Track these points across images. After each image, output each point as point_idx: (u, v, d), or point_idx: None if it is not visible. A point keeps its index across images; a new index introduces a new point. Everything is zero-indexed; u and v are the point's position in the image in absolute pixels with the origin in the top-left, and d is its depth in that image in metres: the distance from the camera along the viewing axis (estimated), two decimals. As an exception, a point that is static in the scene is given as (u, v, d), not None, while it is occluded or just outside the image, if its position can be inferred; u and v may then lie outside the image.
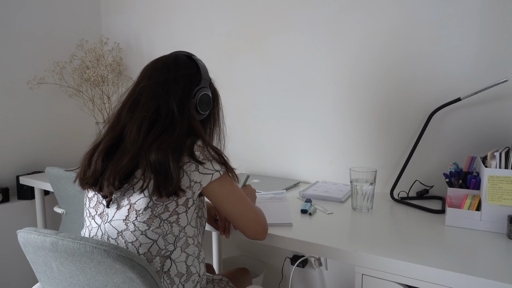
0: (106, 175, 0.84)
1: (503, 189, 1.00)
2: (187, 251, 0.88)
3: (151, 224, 0.83)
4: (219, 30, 1.90)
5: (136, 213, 0.83)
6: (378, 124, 1.52)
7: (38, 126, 2.13)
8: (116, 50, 2.25)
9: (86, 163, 0.90)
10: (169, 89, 0.91)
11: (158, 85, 0.91)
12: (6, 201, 1.93)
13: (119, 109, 0.93)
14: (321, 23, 1.60)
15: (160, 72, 0.93)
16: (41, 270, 0.82)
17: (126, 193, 0.85)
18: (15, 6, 2.00)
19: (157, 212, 0.83)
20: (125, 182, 0.84)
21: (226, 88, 1.89)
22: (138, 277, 0.71)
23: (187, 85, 0.93)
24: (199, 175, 0.86)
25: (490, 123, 1.30)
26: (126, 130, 0.89)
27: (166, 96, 0.90)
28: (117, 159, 0.85)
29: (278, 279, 1.92)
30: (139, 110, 0.89)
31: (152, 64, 0.97)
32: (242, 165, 1.88)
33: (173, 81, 0.92)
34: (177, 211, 0.85)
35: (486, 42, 1.29)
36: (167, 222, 0.84)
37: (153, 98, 0.90)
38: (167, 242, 0.85)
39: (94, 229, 0.89)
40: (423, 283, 0.84)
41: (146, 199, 0.83)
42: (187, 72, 0.95)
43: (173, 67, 0.94)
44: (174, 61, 0.95)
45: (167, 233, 0.84)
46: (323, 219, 1.18)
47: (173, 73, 0.93)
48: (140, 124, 0.87)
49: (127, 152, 0.85)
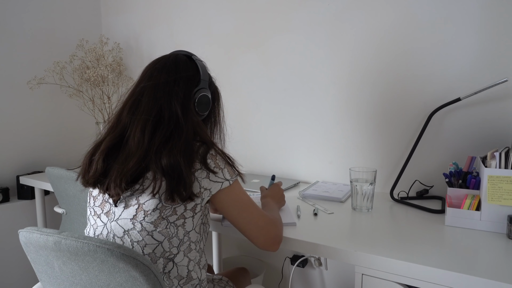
0: (112, 176, 0.84)
1: (503, 189, 1.01)
2: (189, 256, 0.89)
3: (158, 226, 0.83)
4: (219, 30, 1.91)
5: (144, 213, 0.84)
6: (378, 124, 1.52)
7: (38, 126, 2.13)
8: (116, 50, 2.25)
9: (87, 163, 0.90)
10: (170, 91, 0.91)
11: (159, 86, 0.91)
12: (6, 201, 1.93)
13: (119, 110, 0.93)
14: (321, 23, 1.60)
15: (160, 73, 0.93)
16: (43, 270, 0.82)
17: (135, 193, 0.85)
18: (15, 6, 2.00)
19: (165, 214, 0.84)
20: (132, 184, 0.84)
21: (226, 88, 1.89)
22: (141, 276, 0.72)
23: (188, 87, 0.94)
24: (209, 182, 0.87)
25: (490, 123, 1.31)
26: (128, 131, 0.89)
27: (168, 98, 0.90)
28: (122, 161, 0.85)
29: (278, 279, 1.92)
30: (140, 111, 0.89)
31: (153, 64, 0.97)
32: (242, 165, 1.88)
33: (174, 83, 0.92)
34: (185, 215, 0.86)
35: (486, 42, 1.29)
36: (174, 225, 0.85)
37: (154, 99, 0.90)
38: (171, 245, 0.85)
39: (100, 227, 0.90)
40: (423, 283, 0.84)
41: (155, 200, 0.83)
42: (187, 74, 0.95)
43: (173, 69, 0.94)
44: (174, 62, 0.95)
45: (172, 236, 0.85)
46: (323, 219, 1.18)
47: (173, 75, 0.93)
48: (144, 126, 0.87)
49: (133, 154, 0.85)
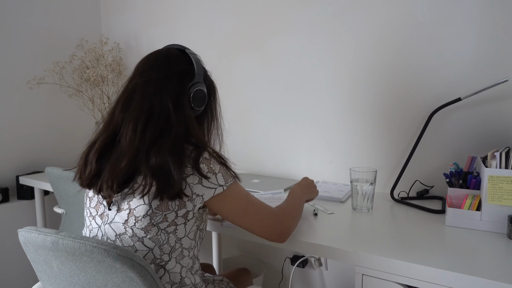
0: (104, 177, 0.83)
1: (503, 189, 1.00)
2: (182, 263, 0.87)
3: (148, 232, 0.81)
4: (219, 30, 1.90)
5: (135, 218, 0.82)
6: (378, 124, 1.52)
7: (38, 126, 2.13)
8: (116, 50, 2.25)
9: (83, 163, 0.89)
10: (161, 87, 0.88)
11: (150, 83, 0.88)
12: (6, 201, 1.93)
13: (113, 108, 0.91)
14: (321, 23, 1.60)
15: (151, 69, 0.90)
16: (42, 269, 0.82)
17: (126, 197, 0.84)
18: (15, 6, 2.00)
19: (156, 221, 0.82)
20: (124, 186, 0.83)
21: (226, 88, 1.89)
22: (138, 276, 0.71)
23: (180, 82, 0.91)
24: (202, 188, 0.84)
25: (490, 123, 1.30)
26: (121, 130, 0.87)
27: (159, 95, 0.87)
28: (114, 161, 0.83)
29: (278, 279, 1.92)
30: (132, 109, 0.87)
31: (144, 60, 0.94)
32: (242, 165, 1.88)
33: (165, 79, 0.89)
34: (176, 222, 0.83)
35: (486, 42, 1.29)
36: (165, 232, 0.83)
37: (146, 96, 0.87)
38: (162, 252, 0.83)
39: (95, 229, 0.89)
40: (423, 283, 0.83)
41: (145, 207, 0.82)
42: (179, 68, 0.92)
43: (165, 64, 0.91)
44: (166, 57, 0.93)
45: (163, 243, 0.83)
46: (323, 219, 1.18)
47: (164, 71, 0.90)
48: (136, 124, 0.84)
49: (124, 154, 0.83)
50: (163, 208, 0.82)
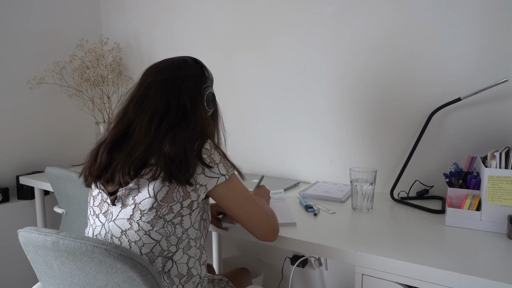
0: (118, 166, 0.85)
1: (503, 189, 1.00)
2: (189, 253, 0.89)
3: (155, 225, 0.83)
4: (219, 30, 1.91)
5: (140, 212, 0.84)
6: (378, 124, 1.52)
7: (38, 126, 2.13)
8: (116, 50, 2.25)
9: (92, 159, 0.91)
10: (180, 85, 0.93)
11: (168, 81, 0.94)
12: (6, 201, 1.93)
13: (126, 104, 0.95)
14: (321, 23, 1.60)
15: (169, 69, 0.96)
16: (42, 270, 0.82)
17: (131, 192, 0.85)
18: (15, 6, 2.00)
19: (162, 213, 0.84)
20: (140, 171, 0.85)
21: (226, 88, 1.89)
22: (139, 276, 0.71)
23: (197, 83, 0.97)
24: (205, 178, 0.87)
25: (490, 123, 1.31)
26: (134, 123, 0.90)
27: (177, 92, 0.92)
28: (128, 151, 0.86)
29: (278, 279, 1.92)
30: (148, 104, 0.90)
31: (159, 63, 1.00)
32: (242, 165, 1.88)
33: (184, 78, 0.95)
34: (181, 213, 0.85)
35: (486, 42, 1.29)
36: (171, 224, 0.85)
37: (163, 93, 0.92)
38: (169, 244, 0.85)
39: (98, 227, 0.90)
40: (423, 283, 0.84)
41: (151, 200, 0.83)
42: (195, 72, 0.98)
43: (182, 66, 0.98)
44: (183, 61, 1.00)
45: (170, 235, 0.85)
46: (323, 219, 1.18)
47: (183, 71, 0.96)
48: (151, 117, 0.88)
49: (139, 143, 0.86)
50: (168, 200, 0.84)
